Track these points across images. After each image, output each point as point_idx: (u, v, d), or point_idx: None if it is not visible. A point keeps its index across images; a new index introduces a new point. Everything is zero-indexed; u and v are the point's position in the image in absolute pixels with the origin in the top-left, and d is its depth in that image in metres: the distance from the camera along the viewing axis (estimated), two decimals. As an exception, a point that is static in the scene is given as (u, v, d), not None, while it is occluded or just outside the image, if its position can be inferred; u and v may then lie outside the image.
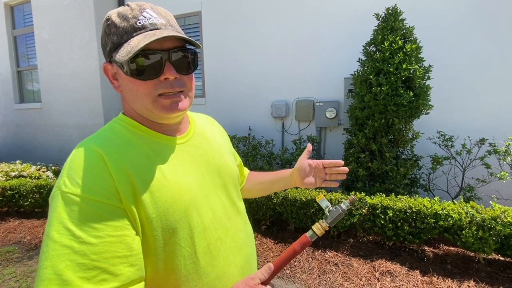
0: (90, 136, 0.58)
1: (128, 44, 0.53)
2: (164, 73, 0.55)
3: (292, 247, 0.67)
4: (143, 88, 0.55)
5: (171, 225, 0.55)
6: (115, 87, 0.61)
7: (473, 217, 2.10)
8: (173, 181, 0.57)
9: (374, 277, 2.13)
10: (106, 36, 0.57)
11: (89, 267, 0.44)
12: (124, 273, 0.47)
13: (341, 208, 0.70)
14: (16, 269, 2.44)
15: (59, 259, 0.44)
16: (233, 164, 0.77)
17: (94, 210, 0.47)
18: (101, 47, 0.62)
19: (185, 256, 0.56)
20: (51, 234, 0.45)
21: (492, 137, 2.73)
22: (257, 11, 3.91)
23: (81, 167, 0.50)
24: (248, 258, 0.71)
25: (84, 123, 4.86)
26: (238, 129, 4.06)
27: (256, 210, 2.84)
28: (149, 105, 0.56)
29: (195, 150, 0.66)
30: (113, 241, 0.47)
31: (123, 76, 0.57)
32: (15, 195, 3.43)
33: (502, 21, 2.86)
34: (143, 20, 0.55)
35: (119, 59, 0.53)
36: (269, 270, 0.60)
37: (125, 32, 0.54)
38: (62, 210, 0.47)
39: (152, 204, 0.53)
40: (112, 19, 0.56)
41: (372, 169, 2.73)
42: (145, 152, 0.57)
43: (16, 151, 5.68)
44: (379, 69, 2.64)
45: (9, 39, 5.49)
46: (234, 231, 0.67)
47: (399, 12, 2.68)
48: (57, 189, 0.49)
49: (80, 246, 0.45)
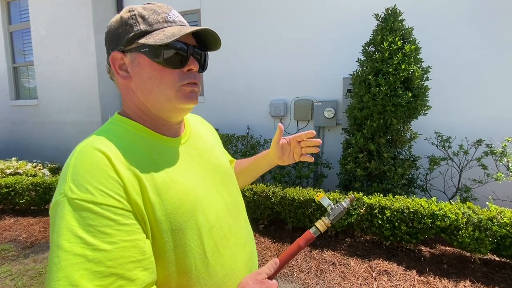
0: (90, 138, 0.55)
1: (163, 31, 0.55)
2: (189, 64, 0.58)
3: (296, 242, 0.69)
4: (168, 76, 0.57)
5: (180, 226, 0.54)
6: (122, 77, 0.59)
7: (470, 217, 2.12)
8: (178, 182, 0.57)
9: (371, 277, 2.14)
10: (126, 25, 0.57)
11: (105, 274, 0.43)
12: (140, 277, 0.47)
13: (342, 206, 0.74)
14: (11, 267, 2.42)
15: (72, 269, 0.42)
16: (228, 163, 0.78)
17: (105, 215, 0.46)
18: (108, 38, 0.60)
19: (195, 257, 0.56)
20: (61, 244, 0.43)
21: (488, 139, 2.75)
22: (256, 10, 3.90)
23: (88, 171, 0.48)
24: (251, 254, 0.72)
25: (81, 120, 4.82)
26: (236, 128, 4.05)
27: (254, 209, 2.84)
28: (172, 93, 0.58)
29: (193, 150, 0.67)
30: (127, 246, 0.46)
31: (145, 63, 0.57)
32: (10, 193, 3.40)
33: (500, 22, 2.88)
34: (173, 16, 0.59)
35: (155, 42, 0.53)
36: (275, 265, 0.63)
37: (155, 22, 0.57)
38: (71, 218, 0.45)
39: (161, 206, 0.52)
40: (139, 10, 0.57)
41: (370, 169, 2.74)
42: (149, 154, 0.57)
43: (12, 148, 5.63)
44: (378, 70, 2.65)
45: (5, 35, 5.43)
46: (237, 229, 0.68)
47: (399, 12, 2.69)
48: (62, 196, 0.47)
49: (94, 254, 0.43)
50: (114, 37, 0.59)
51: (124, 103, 0.64)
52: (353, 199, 0.76)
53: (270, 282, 0.62)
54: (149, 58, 0.56)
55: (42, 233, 3.02)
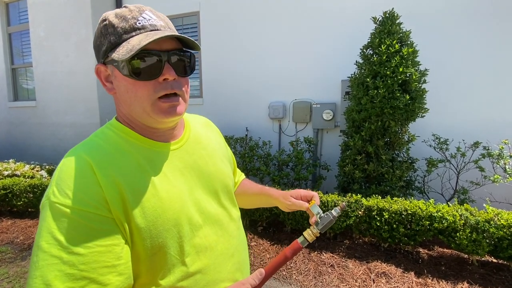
0: (81, 143, 0.57)
1: (128, 43, 0.52)
2: (164, 73, 0.54)
3: (283, 253, 0.68)
4: (142, 89, 0.54)
5: (160, 234, 0.54)
6: (108, 89, 0.59)
7: (467, 219, 2.13)
8: (163, 190, 0.56)
9: (369, 279, 2.14)
10: (101, 36, 0.56)
11: (77, 277, 0.44)
12: (113, 282, 0.47)
13: (332, 215, 0.71)
14: (9, 269, 2.40)
15: (48, 269, 0.44)
16: (227, 170, 0.75)
17: (83, 221, 0.47)
18: (93, 48, 0.60)
19: (174, 264, 0.56)
20: (41, 244, 0.45)
21: (486, 141, 2.77)
22: (255, 12, 3.91)
23: (70, 176, 0.50)
24: (239, 265, 0.70)
25: (79, 122, 4.81)
26: (235, 130, 4.05)
27: (253, 211, 2.84)
28: (148, 107, 0.55)
29: (188, 156, 0.65)
30: (102, 251, 0.47)
31: (120, 77, 0.55)
32: (8, 195, 3.38)
33: (497, 26, 2.90)
34: (142, 21, 0.54)
35: (118, 58, 0.51)
36: (260, 276, 0.61)
37: (124, 32, 0.53)
38: (51, 220, 0.46)
39: (141, 214, 0.52)
40: (110, 19, 0.55)
41: (368, 171, 2.75)
42: (136, 161, 0.56)
43: (10, 150, 5.60)
44: (376, 72, 2.67)
45: (3, 36, 5.42)
46: (226, 238, 0.67)
47: (396, 16, 2.71)
48: (46, 199, 0.49)
49: (69, 257, 0.45)
50: (95, 48, 0.59)
51: (116, 109, 0.64)
52: (344, 207, 0.74)
53: None
54: (120, 72, 0.55)
55: (40, 235, 3.00)
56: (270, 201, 0.86)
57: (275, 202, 0.85)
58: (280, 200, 0.82)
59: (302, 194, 0.80)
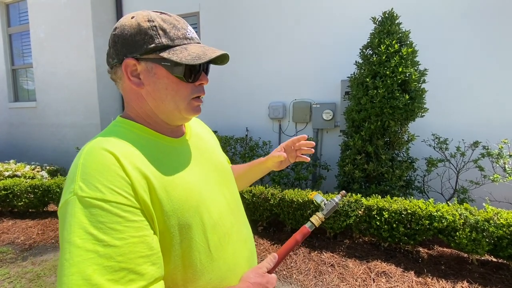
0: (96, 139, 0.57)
1: (185, 49, 0.59)
2: (201, 79, 0.64)
3: (293, 237, 0.73)
4: (184, 89, 0.61)
5: (187, 221, 0.57)
6: (135, 84, 0.60)
7: (467, 218, 2.14)
8: (183, 180, 0.59)
9: (369, 278, 2.15)
10: (145, 35, 0.57)
11: (116, 269, 0.45)
12: (149, 272, 0.48)
13: (335, 201, 0.79)
14: (10, 270, 2.41)
15: (85, 264, 0.44)
16: (227, 163, 0.81)
17: (115, 212, 0.48)
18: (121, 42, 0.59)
19: (199, 251, 0.59)
20: (73, 240, 0.45)
21: (485, 140, 2.78)
22: (255, 13, 3.92)
23: (96, 170, 0.50)
24: (251, 251, 0.75)
25: (80, 123, 4.82)
26: (235, 130, 4.06)
27: (253, 211, 2.85)
28: (183, 105, 0.62)
29: (195, 150, 0.69)
30: (136, 241, 0.48)
31: (161, 75, 0.59)
32: (8, 195, 3.38)
33: (496, 25, 2.91)
34: (190, 33, 0.63)
35: (181, 60, 0.57)
36: (274, 260, 0.68)
37: (177, 37, 0.59)
38: (82, 215, 0.46)
39: (168, 202, 0.55)
40: (159, 22, 0.59)
41: (368, 170, 2.75)
42: (154, 154, 0.59)
43: (10, 151, 5.61)
44: (376, 72, 2.68)
45: (4, 37, 5.43)
46: (238, 226, 0.71)
47: (396, 16, 2.72)
48: (72, 195, 0.48)
49: (105, 249, 0.45)
50: (129, 42, 0.59)
51: (128, 106, 0.65)
52: (344, 194, 0.83)
53: (270, 275, 0.67)
54: (168, 71, 0.59)
55: (41, 236, 3.01)
56: (261, 168, 0.94)
57: (266, 164, 0.92)
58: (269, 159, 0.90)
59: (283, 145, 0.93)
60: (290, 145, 0.92)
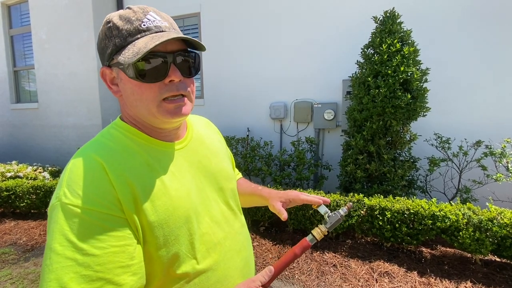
0: (88, 143, 0.57)
1: (134, 45, 0.52)
2: (169, 75, 0.54)
3: (292, 250, 0.68)
4: (148, 91, 0.54)
5: (172, 232, 0.55)
6: (114, 92, 0.60)
7: (470, 218, 2.12)
8: (172, 188, 0.57)
9: (372, 278, 2.14)
10: (106, 39, 0.55)
11: (93, 278, 0.44)
12: (128, 282, 0.48)
13: (340, 214, 0.73)
14: (12, 271, 2.41)
15: (63, 271, 0.43)
16: (230, 169, 0.77)
17: (96, 221, 0.47)
18: (98, 51, 0.59)
19: (186, 262, 0.57)
20: (54, 247, 0.45)
21: (488, 139, 2.76)
22: (256, 13, 3.92)
23: (82, 177, 0.49)
24: (246, 260, 0.72)
25: (81, 124, 4.83)
26: (236, 130, 4.06)
27: (255, 212, 2.84)
28: (154, 109, 0.55)
29: (192, 155, 0.66)
30: (116, 251, 0.47)
31: (125, 79, 0.55)
32: (11, 196, 3.39)
33: (498, 24, 2.90)
34: (147, 23, 0.54)
35: (124, 61, 0.51)
36: (270, 273, 0.61)
37: (128, 34, 0.53)
38: (64, 222, 0.46)
39: (154, 212, 0.53)
40: (114, 21, 0.54)
41: (370, 170, 2.74)
42: (145, 160, 0.57)
43: (12, 152, 5.63)
44: (377, 72, 2.67)
45: (5, 39, 5.45)
46: (232, 235, 0.68)
47: (397, 15, 2.71)
48: (57, 200, 0.48)
49: (84, 258, 0.45)
50: (100, 51, 0.59)
51: (122, 110, 0.64)
52: (351, 207, 0.76)
53: None
54: (126, 74, 0.55)
55: (43, 237, 3.02)
56: (262, 202, 0.88)
57: (265, 202, 0.86)
58: (269, 202, 0.83)
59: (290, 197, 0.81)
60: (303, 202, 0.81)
